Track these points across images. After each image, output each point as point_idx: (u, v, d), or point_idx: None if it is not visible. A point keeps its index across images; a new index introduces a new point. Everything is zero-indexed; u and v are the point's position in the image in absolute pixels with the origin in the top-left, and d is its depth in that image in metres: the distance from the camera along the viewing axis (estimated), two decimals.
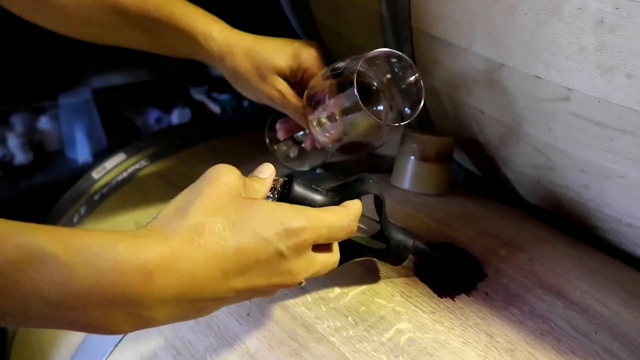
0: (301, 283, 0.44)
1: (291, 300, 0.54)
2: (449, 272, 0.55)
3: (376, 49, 0.58)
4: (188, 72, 1.95)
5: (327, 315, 0.51)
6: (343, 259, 0.47)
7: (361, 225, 0.49)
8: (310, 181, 0.47)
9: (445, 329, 0.49)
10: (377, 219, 0.51)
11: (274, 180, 0.46)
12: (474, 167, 0.82)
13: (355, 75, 0.55)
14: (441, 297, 0.52)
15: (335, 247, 0.46)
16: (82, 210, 0.80)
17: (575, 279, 0.56)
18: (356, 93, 0.55)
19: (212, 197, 0.39)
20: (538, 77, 0.55)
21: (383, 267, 0.56)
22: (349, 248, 0.50)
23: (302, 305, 0.53)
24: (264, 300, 0.55)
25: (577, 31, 0.49)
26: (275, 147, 0.74)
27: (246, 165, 0.79)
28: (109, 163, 0.87)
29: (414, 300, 0.52)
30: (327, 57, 0.68)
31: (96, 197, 0.81)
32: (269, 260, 0.40)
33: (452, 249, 0.58)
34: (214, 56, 0.65)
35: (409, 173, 0.70)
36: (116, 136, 1.66)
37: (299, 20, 0.93)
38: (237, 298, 0.41)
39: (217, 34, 0.64)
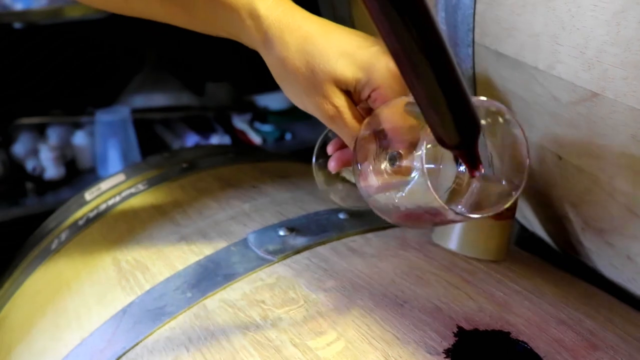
0: None
1: None
2: None
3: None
4: (232, 99, 1.89)
5: None
6: None
7: None
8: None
9: None
10: None
11: None
12: (539, 225, 0.65)
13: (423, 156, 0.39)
14: None
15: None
16: (63, 236, 0.67)
17: None
18: (430, 185, 0.38)
19: None
20: None
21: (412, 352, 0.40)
22: None
23: None
24: None
25: None
26: (319, 171, 0.57)
27: (255, 199, 0.65)
28: (105, 184, 0.75)
29: None
30: None
31: (81, 222, 0.68)
32: None
33: (510, 343, 0.42)
34: (258, 40, 0.49)
35: (457, 230, 0.54)
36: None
37: None
38: None
39: (266, 10, 0.48)
